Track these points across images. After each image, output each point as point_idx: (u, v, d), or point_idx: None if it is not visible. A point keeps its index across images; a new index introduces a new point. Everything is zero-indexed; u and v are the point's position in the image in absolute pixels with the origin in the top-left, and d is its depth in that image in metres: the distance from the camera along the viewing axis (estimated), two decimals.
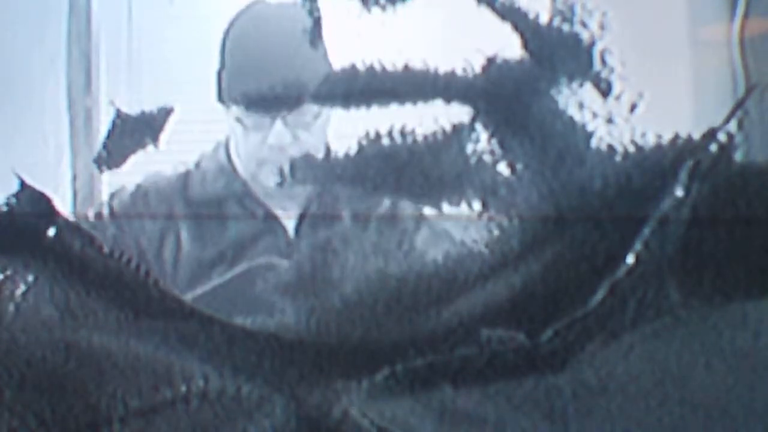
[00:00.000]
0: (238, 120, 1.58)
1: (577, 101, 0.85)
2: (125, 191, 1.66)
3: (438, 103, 0.89)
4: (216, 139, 1.80)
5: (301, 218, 1.62)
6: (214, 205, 1.63)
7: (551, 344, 0.79)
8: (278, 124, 1.54)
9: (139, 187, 1.66)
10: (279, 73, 1.40)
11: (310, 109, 1.55)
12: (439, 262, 0.84)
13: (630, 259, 0.79)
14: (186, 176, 1.67)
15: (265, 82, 1.39)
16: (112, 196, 1.66)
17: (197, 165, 1.68)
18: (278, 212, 1.62)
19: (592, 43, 0.86)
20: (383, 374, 0.80)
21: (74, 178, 2.14)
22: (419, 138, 0.88)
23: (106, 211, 1.64)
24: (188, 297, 1.51)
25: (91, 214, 1.66)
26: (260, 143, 1.57)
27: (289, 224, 1.62)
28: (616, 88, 0.85)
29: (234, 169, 1.64)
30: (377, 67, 0.90)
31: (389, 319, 0.82)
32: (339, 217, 1.56)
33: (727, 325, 0.81)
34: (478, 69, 0.87)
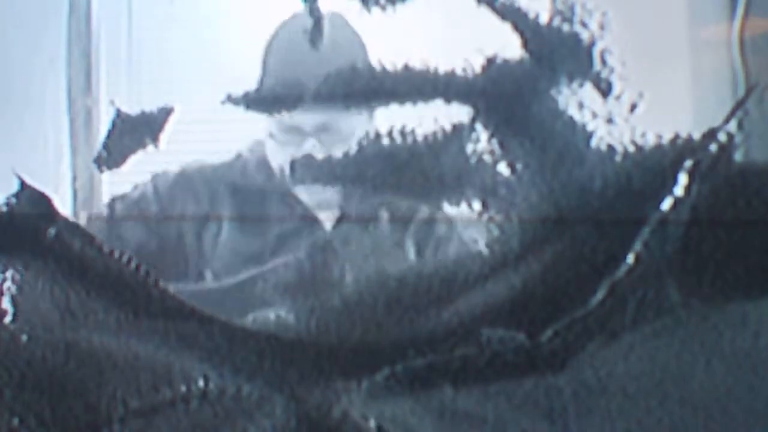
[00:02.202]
0: (272, 135, 1.60)
1: (577, 101, 0.85)
2: (169, 173, 1.68)
3: (438, 103, 0.89)
4: (216, 139, 1.80)
5: (340, 219, 1.63)
6: (255, 196, 1.65)
7: (551, 344, 0.79)
8: (310, 141, 1.55)
9: (183, 170, 1.68)
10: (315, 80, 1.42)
11: (341, 128, 1.55)
12: (439, 262, 0.84)
13: (630, 259, 0.79)
14: (228, 165, 1.69)
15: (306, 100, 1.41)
16: (155, 176, 1.68)
17: (238, 156, 1.70)
18: (318, 212, 1.63)
19: (592, 43, 0.86)
20: (383, 374, 0.80)
21: (74, 178, 2.14)
22: (419, 138, 0.88)
23: (150, 191, 1.66)
24: (225, 283, 1.52)
25: (136, 192, 1.67)
26: (291, 158, 1.58)
27: (327, 223, 1.63)
28: (616, 88, 0.85)
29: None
30: (377, 67, 0.90)
31: (389, 319, 0.82)
32: (376, 220, 1.57)
33: (727, 325, 0.81)
34: (478, 69, 0.87)
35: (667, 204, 0.79)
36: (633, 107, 0.84)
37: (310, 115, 1.54)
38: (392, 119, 0.89)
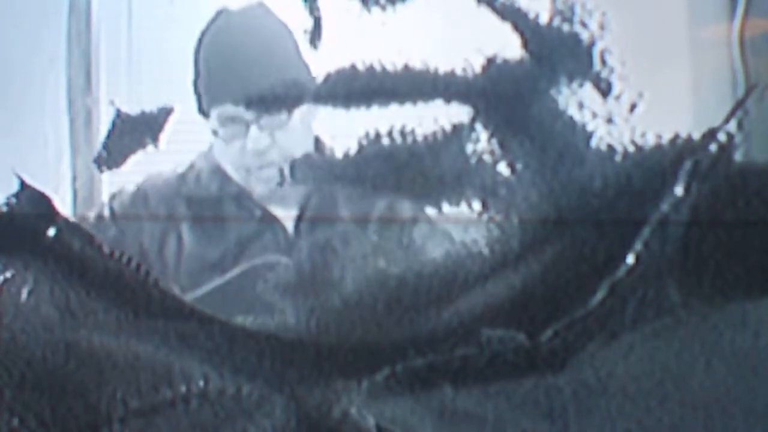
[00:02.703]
0: (215, 132, 1.59)
1: (577, 101, 0.85)
2: (125, 192, 1.67)
3: (438, 103, 0.89)
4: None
5: (299, 218, 1.62)
6: (211, 205, 1.64)
7: (551, 344, 0.79)
8: (253, 129, 1.54)
9: (138, 188, 1.67)
10: (251, 77, 1.42)
11: (281, 120, 1.55)
12: (439, 262, 0.84)
13: (630, 259, 0.79)
14: (182, 177, 1.68)
15: (238, 88, 1.40)
16: (112, 197, 1.67)
17: (192, 166, 1.69)
18: (276, 212, 1.62)
19: (592, 43, 0.86)
20: (383, 374, 0.80)
21: (74, 178, 2.14)
22: (419, 138, 0.88)
23: (107, 213, 1.65)
24: (190, 297, 1.52)
25: (92, 215, 1.66)
26: (241, 151, 1.57)
27: (288, 223, 1.62)
28: (616, 88, 0.85)
29: (227, 171, 1.64)
30: (377, 67, 0.90)
31: (389, 319, 0.82)
32: (337, 217, 1.56)
33: (727, 325, 0.81)
34: (478, 69, 0.87)
35: (667, 204, 0.79)
36: (633, 107, 0.84)
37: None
38: (392, 119, 0.89)
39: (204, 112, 1.57)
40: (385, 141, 0.87)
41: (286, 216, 1.62)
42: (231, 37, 1.56)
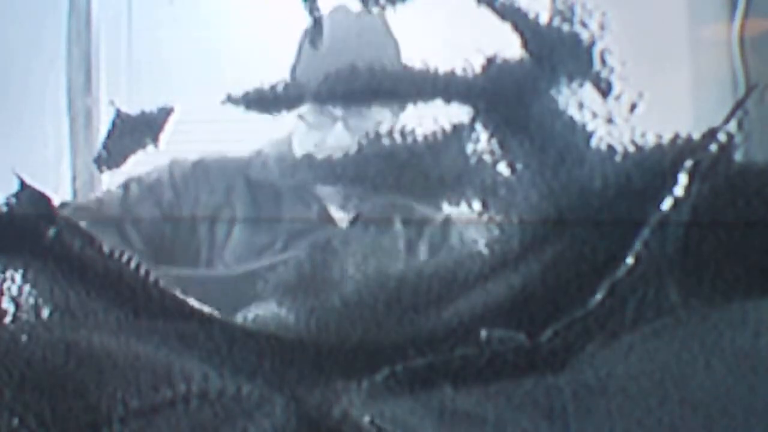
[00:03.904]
0: (301, 117, 1.61)
1: (577, 101, 0.85)
2: (187, 160, 1.69)
3: (438, 103, 0.89)
4: (216, 139, 1.81)
5: (354, 219, 1.63)
6: (272, 191, 1.66)
7: (551, 344, 0.79)
8: (338, 126, 1.57)
9: (200, 159, 1.69)
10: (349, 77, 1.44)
11: (373, 116, 1.57)
12: (439, 262, 0.84)
13: (630, 259, 0.79)
14: (248, 159, 1.70)
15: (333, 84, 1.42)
16: (172, 163, 1.69)
17: (258, 152, 1.71)
18: (332, 210, 1.64)
19: (592, 43, 0.86)
20: (383, 374, 0.80)
21: (74, 178, 2.14)
22: (419, 138, 0.88)
23: (166, 176, 1.67)
24: (232, 272, 1.54)
25: (152, 176, 1.68)
26: (320, 142, 1.59)
27: (342, 223, 1.64)
28: (616, 88, 0.85)
29: (293, 163, 1.66)
30: (377, 67, 0.90)
31: (389, 319, 0.82)
32: (390, 222, 1.57)
33: (727, 325, 0.81)
34: (478, 69, 0.87)
35: (667, 204, 0.79)
36: (633, 107, 0.84)
37: (354, 107, 1.56)
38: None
39: (296, 98, 1.59)
40: (385, 141, 0.87)
41: (342, 217, 1.64)
42: (341, 34, 1.57)
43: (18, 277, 0.82)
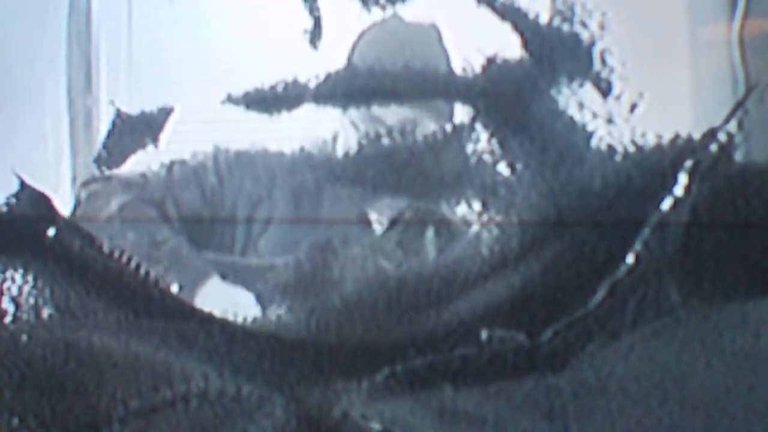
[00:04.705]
0: (353, 124, 1.62)
1: (577, 101, 0.85)
2: (230, 149, 1.71)
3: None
4: (216, 139, 1.81)
5: (392, 223, 1.63)
6: (312, 188, 1.67)
7: (551, 344, 0.79)
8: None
9: (245, 150, 1.70)
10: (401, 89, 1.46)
11: (425, 127, 1.57)
12: (439, 262, 0.84)
13: (630, 259, 0.79)
14: (291, 155, 1.71)
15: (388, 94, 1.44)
16: (217, 150, 1.71)
17: (302, 149, 1.72)
18: (370, 213, 1.64)
19: (592, 43, 0.86)
20: (383, 374, 0.80)
21: (74, 178, 2.14)
22: (419, 138, 0.88)
23: (210, 162, 1.68)
24: (267, 263, 1.55)
25: (195, 160, 1.70)
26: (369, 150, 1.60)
27: (378, 226, 1.64)
28: (616, 88, 0.85)
29: (335, 163, 1.67)
30: (377, 67, 0.90)
31: (389, 319, 0.82)
32: (425, 225, 1.58)
33: (727, 325, 0.81)
34: (478, 69, 0.87)
35: (667, 204, 0.79)
36: (633, 107, 0.84)
37: (394, 108, 1.57)
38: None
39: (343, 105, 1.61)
40: (385, 141, 0.87)
41: (379, 219, 1.64)
42: (393, 43, 1.57)
43: (18, 277, 0.82)
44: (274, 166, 1.70)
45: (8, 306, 0.81)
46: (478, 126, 0.87)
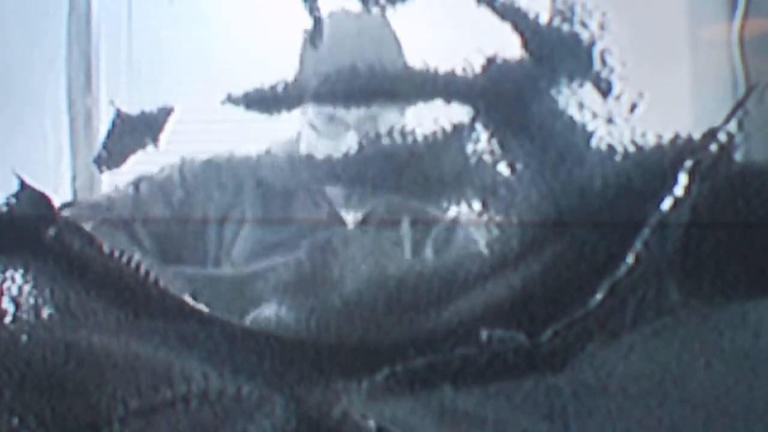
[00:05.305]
0: (312, 126, 1.61)
1: (577, 101, 0.85)
2: (196, 160, 1.70)
3: (438, 103, 0.89)
4: (216, 139, 1.81)
5: (363, 220, 1.63)
6: (281, 191, 1.67)
7: (551, 344, 0.79)
8: (351, 134, 1.57)
9: (211, 159, 1.69)
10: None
11: (385, 121, 1.57)
12: (439, 262, 0.84)
13: (630, 259, 0.79)
14: (257, 160, 1.70)
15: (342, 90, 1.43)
16: (183, 161, 1.69)
17: (267, 152, 1.71)
18: (342, 212, 1.64)
19: (592, 43, 0.86)
20: (383, 374, 0.80)
21: (74, 178, 2.14)
22: (419, 138, 0.88)
23: (177, 175, 1.67)
24: (243, 271, 1.54)
25: (162, 175, 1.69)
26: (332, 150, 1.59)
27: (351, 224, 1.64)
28: (616, 88, 0.85)
29: (302, 163, 1.66)
30: (377, 67, 0.90)
31: (389, 319, 0.82)
32: (397, 223, 1.58)
33: (727, 325, 0.81)
34: (478, 69, 0.87)
35: (667, 204, 0.79)
36: (633, 107, 0.84)
37: (354, 107, 1.56)
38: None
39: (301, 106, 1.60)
40: (385, 141, 0.87)
41: (351, 217, 1.64)
42: (343, 38, 1.57)
43: (18, 277, 0.82)
44: (241, 172, 1.69)
45: (8, 306, 0.81)
46: (478, 126, 0.87)
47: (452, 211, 0.89)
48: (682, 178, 0.79)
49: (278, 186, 1.67)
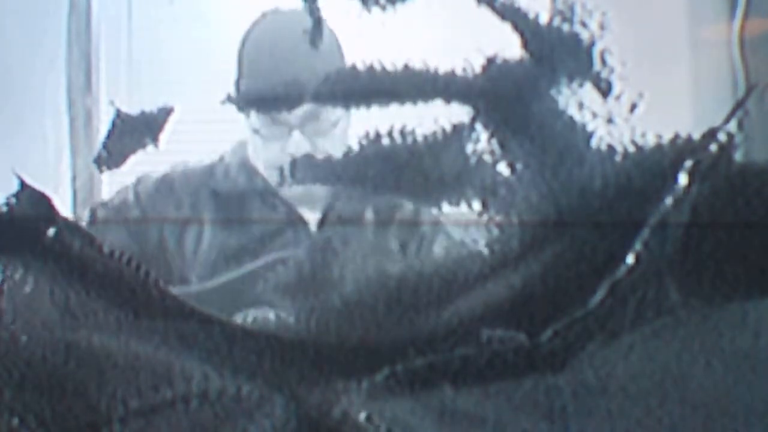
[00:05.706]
0: (256, 131, 1.60)
1: (577, 101, 0.85)
2: (150, 178, 1.68)
3: (438, 103, 0.89)
4: (215, 140, 1.81)
5: (324, 219, 1.63)
6: (237, 199, 1.66)
7: (551, 344, 0.79)
8: (296, 134, 1.56)
9: (164, 176, 1.68)
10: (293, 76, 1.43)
11: (328, 117, 1.56)
12: (439, 262, 0.84)
13: (630, 259, 0.79)
14: (210, 169, 1.69)
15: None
16: (138, 181, 1.68)
17: (221, 159, 1.70)
18: (301, 211, 1.64)
19: (592, 43, 0.86)
20: (383, 374, 0.80)
21: (74, 178, 2.14)
22: (419, 138, 0.88)
23: (131, 197, 1.66)
24: (205, 286, 1.53)
25: (117, 199, 1.68)
26: (279, 152, 1.58)
27: (312, 223, 1.64)
28: (616, 88, 0.85)
29: (255, 168, 1.65)
30: (377, 67, 0.90)
31: (389, 319, 0.82)
32: (360, 219, 1.58)
33: (727, 325, 0.81)
34: (478, 69, 0.87)
35: (667, 204, 0.79)
36: (633, 107, 0.84)
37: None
38: (392, 119, 0.89)
39: (243, 109, 1.59)
40: (385, 141, 0.87)
41: (311, 216, 1.63)
42: (278, 38, 1.56)
43: (18, 277, 0.82)
44: (195, 183, 1.67)
45: (8, 306, 0.81)
46: (478, 126, 0.87)
47: (445, 211, 0.89)
48: (682, 178, 0.79)
49: (233, 193, 1.66)
